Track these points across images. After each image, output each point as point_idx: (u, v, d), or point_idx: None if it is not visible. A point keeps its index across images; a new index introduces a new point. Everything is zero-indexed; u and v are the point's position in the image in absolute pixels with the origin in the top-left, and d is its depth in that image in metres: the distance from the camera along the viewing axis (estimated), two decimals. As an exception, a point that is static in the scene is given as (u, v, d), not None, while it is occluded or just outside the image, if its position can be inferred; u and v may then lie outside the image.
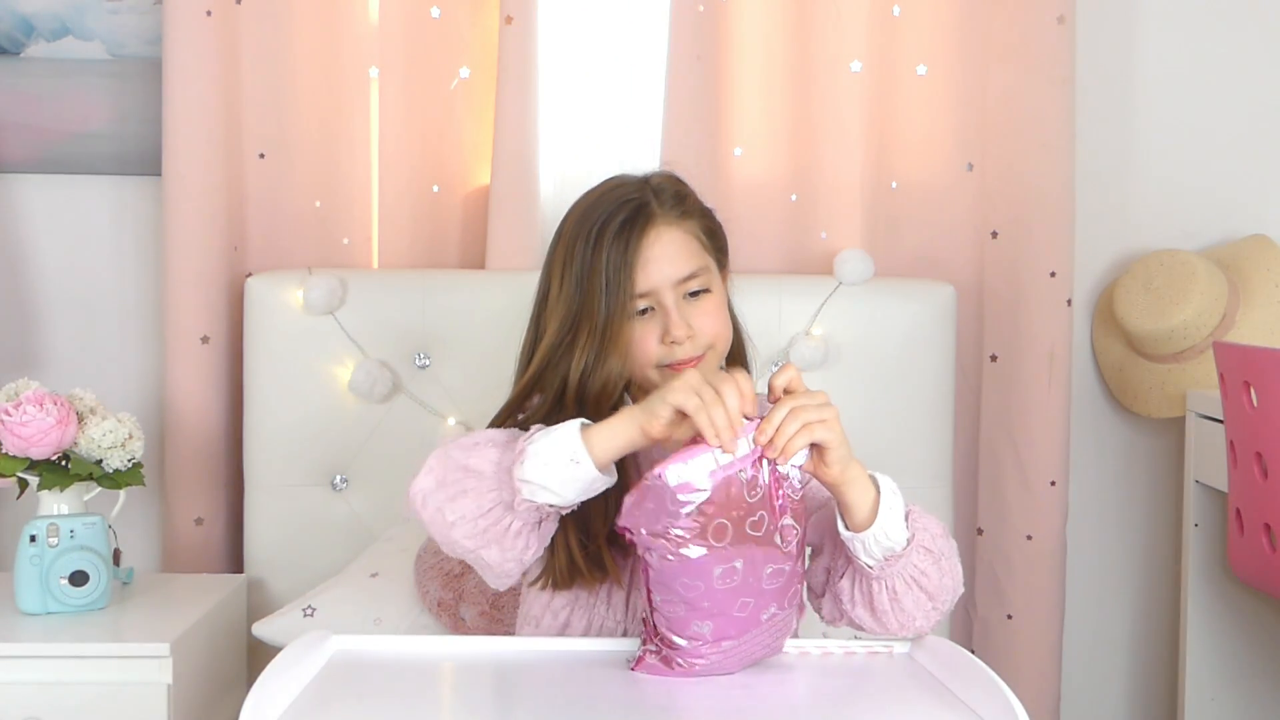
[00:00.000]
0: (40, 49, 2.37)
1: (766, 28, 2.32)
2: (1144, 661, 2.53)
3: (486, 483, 1.34)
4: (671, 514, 1.24)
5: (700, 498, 1.24)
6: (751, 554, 1.27)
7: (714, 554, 1.26)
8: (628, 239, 1.48)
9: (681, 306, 1.50)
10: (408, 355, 2.20)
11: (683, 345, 1.49)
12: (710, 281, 1.54)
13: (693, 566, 1.26)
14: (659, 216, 1.51)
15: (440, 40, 2.30)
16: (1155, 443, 2.49)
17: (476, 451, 1.36)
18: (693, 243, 1.53)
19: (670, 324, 1.49)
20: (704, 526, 1.25)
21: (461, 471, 1.35)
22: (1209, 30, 2.45)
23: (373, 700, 1.26)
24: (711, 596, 1.27)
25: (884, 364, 2.21)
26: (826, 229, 2.34)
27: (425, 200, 2.32)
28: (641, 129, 2.35)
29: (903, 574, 1.39)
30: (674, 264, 1.50)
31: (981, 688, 1.24)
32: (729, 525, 1.26)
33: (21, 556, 1.90)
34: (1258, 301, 2.30)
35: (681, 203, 1.55)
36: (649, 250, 1.49)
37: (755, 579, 1.28)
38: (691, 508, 1.24)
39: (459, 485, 1.34)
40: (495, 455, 1.35)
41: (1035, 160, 2.30)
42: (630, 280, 1.48)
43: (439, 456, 1.37)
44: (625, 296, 1.47)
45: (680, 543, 1.25)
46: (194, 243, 2.24)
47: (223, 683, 2.06)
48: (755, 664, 1.35)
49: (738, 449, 1.26)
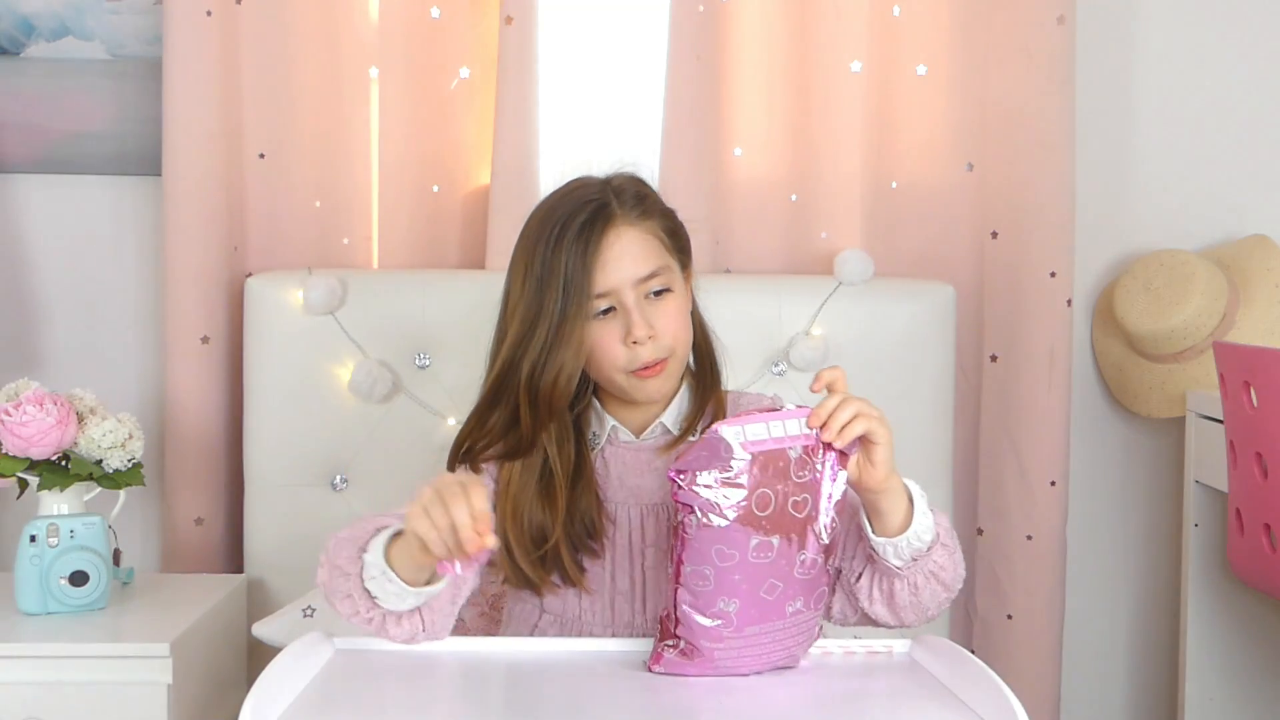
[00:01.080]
0: (40, 49, 2.37)
1: (766, 28, 2.32)
2: (1144, 661, 2.53)
3: (352, 583, 1.35)
4: (723, 462, 1.26)
5: (747, 466, 1.26)
6: (789, 535, 1.28)
7: (753, 523, 1.27)
8: (588, 239, 1.50)
9: (643, 306, 1.51)
10: (408, 355, 2.20)
11: (645, 346, 1.50)
12: (671, 281, 1.55)
13: (730, 533, 1.27)
14: (619, 216, 1.52)
15: (440, 40, 2.30)
16: (1155, 443, 2.49)
17: (343, 548, 1.37)
18: (653, 242, 1.54)
19: (632, 323, 1.50)
20: (750, 490, 1.27)
21: (336, 570, 1.37)
22: (1209, 30, 2.45)
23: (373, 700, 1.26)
24: (744, 569, 1.28)
25: (884, 364, 2.21)
26: (826, 229, 2.34)
27: (425, 200, 2.32)
28: (641, 129, 2.35)
29: (924, 569, 1.41)
30: (634, 263, 1.51)
31: (981, 688, 1.24)
32: (773, 497, 1.27)
33: (21, 556, 1.90)
34: (1258, 301, 2.30)
35: (642, 203, 1.56)
36: (609, 250, 1.50)
37: (788, 563, 1.29)
38: (742, 464, 1.26)
39: (336, 585, 1.37)
40: (355, 552, 1.36)
41: (1035, 160, 2.30)
42: (589, 280, 1.49)
43: (327, 548, 1.39)
44: (584, 296, 1.49)
45: (724, 503, 1.26)
46: (194, 243, 2.24)
47: (223, 683, 2.06)
48: (771, 670, 1.33)
49: (788, 429, 1.28)
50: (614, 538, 1.54)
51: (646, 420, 1.58)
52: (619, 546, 1.54)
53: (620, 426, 1.58)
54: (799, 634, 1.33)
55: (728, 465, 1.27)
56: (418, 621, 1.36)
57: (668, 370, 1.53)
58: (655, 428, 1.58)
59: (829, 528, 1.31)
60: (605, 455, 1.57)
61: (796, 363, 2.19)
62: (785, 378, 2.20)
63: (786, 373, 2.20)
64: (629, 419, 1.58)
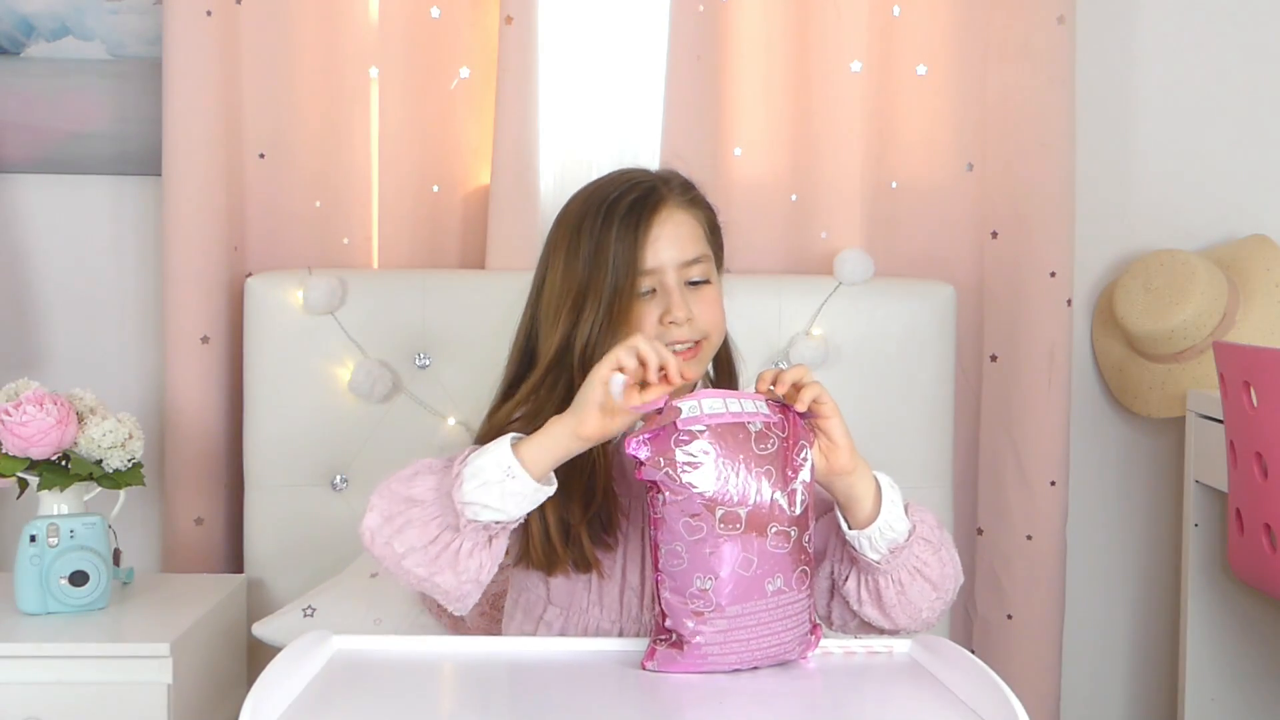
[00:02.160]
0: (40, 49, 2.37)
1: (766, 28, 2.32)
2: (1144, 661, 2.53)
3: (429, 510, 1.34)
4: (679, 433, 1.28)
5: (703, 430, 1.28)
6: (756, 505, 1.29)
7: (717, 495, 1.28)
8: (639, 216, 1.49)
9: (685, 292, 1.51)
10: (408, 355, 2.20)
11: (681, 327, 1.50)
12: (711, 274, 1.55)
13: (694, 504, 1.28)
14: (669, 199, 1.53)
15: (440, 40, 2.30)
16: (1155, 443, 2.49)
17: (416, 481, 1.37)
18: (699, 230, 1.55)
19: (672, 303, 1.50)
20: (710, 461, 1.28)
21: (404, 503, 1.36)
22: (1209, 29, 2.45)
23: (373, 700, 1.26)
24: (714, 543, 1.28)
25: (884, 364, 2.21)
26: (826, 229, 2.34)
27: (425, 200, 2.32)
28: (641, 129, 2.35)
29: (907, 565, 1.42)
30: (680, 246, 1.52)
31: (981, 688, 1.24)
32: (734, 468, 1.28)
33: (21, 556, 1.90)
34: (1258, 301, 2.30)
35: (689, 191, 1.57)
36: (658, 229, 1.50)
37: (759, 536, 1.29)
38: (700, 435, 1.28)
39: (403, 517, 1.35)
40: (434, 482, 1.36)
41: (1035, 160, 2.30)
42: (639, 256, 1.49)
43: (380, 492, 1.38)
44: (635, 272, 1.48)
45: (683, 475, 1.27)
46: (194, 243, 2.24)
47: (223, 683, 2.06)
48: (769, 664, 1.33)
49: (745, 406, 1.31)
50: (626, 531, 1.54)
51: None
52: (631, 540, 1.54)
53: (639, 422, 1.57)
54: (787, 619, 1.32)
55: (683, 437, 1.28)
56: (501, 547, 1.36)
57: (700, 355, 1.52)
58: None
59: (797, 497, 1.31)
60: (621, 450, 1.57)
61: (796, 362, 2.19)
62: (785, 378, 2.20)
63: (786, 373, 2.20)
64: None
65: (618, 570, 1.54)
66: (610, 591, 1.53)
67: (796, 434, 1.34)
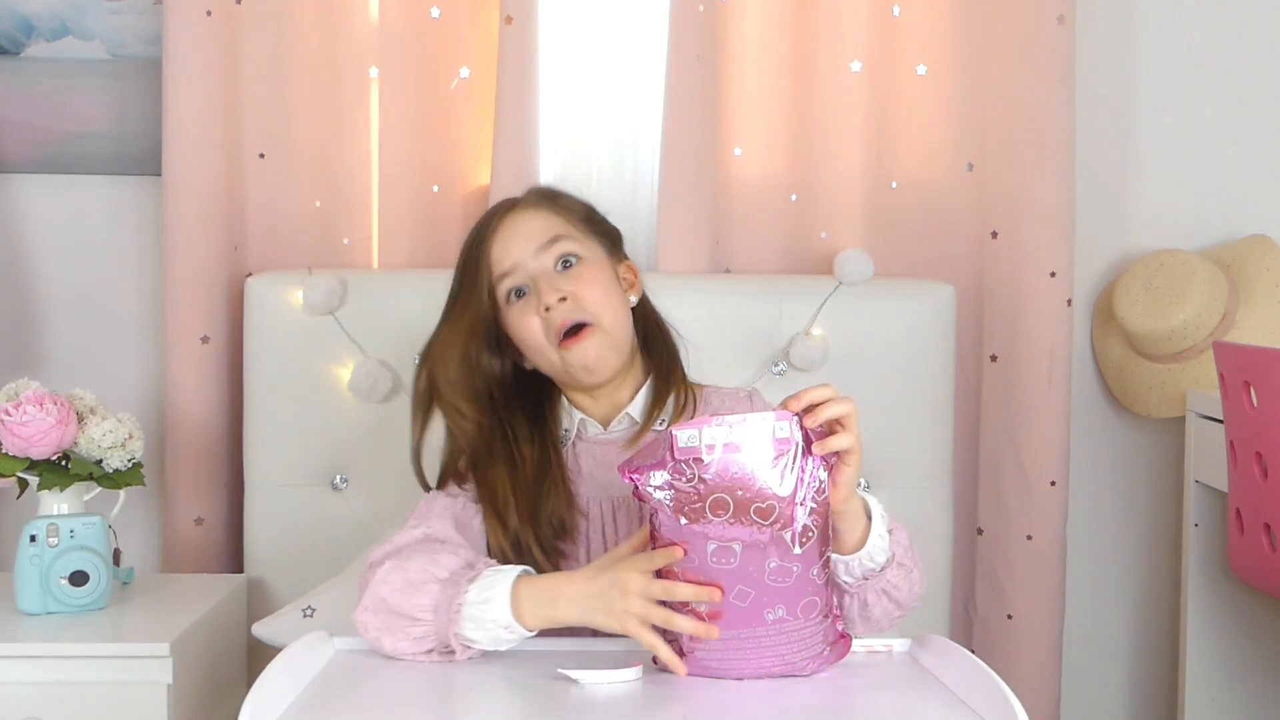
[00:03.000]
0: (40, 49, 2.37)
1: (766, 28, 2.32)
2: (1144, 661, 2.53)
3: (425, 629, 1.36)
4: (675, 463, 1.23)
5: (701, 469, 1.23)
6: (753, 540, 1.24)
7: (707, 527, 1.24)
8: (484, 225, 1.57)
9: (552, 275, 1.53)
10: (408, 355, 2.19)
11: (557, 309, 1.51)
12: (582, 251, 1.56)
13: (688, 536, 1.24)
14: (519, 205, 1.59)
15: (440, 40, 2.30)
16: (1155, 443, 2.49)
17: (417, 594, 1.36)
18: (555, 218, 1.58)
19: (540, 288, 1.52)
20: (701, 496, 1.23)
21: (401, 618, 1.36)
22: (1209, 30, 2.45)
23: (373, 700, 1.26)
24: (706, 573, 1.25)
25: (884, 364, 2.21)
26: (826, 229, 2.34)
27: (425, 200, 2.32)
28: (641, 129, 2.35)
29: (876, 587, 1.41)
30: (530, 236, 1.55)
31: (981, 688, 1.24)
32: (730, 502, 1.23)
33: (21, 556, 1.90)
34: (1258, 301, 2.30)
35: (544, 193, 1.61)
36: (506, 230, 1.56)
37: (756, 570, 1.26)
38: (695, 466, 1.23)
39: (399, 630, 1.36)
40: (432, 601, 1.35)
41: (1035, 160, 2.29)
42: (485, 257, 1.54)
43: (372, 594, 1.38)
44: (478, 274, 1.54)
45: (675, 504, 1.24)
46: (194, 243, 2.24)
47: (223, 683, 2.06)
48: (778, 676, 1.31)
49: (753, 431, 1.23)
50: (587, 532, 1.54)
51: (612, 412, 1.59)
52: (593, 541, 1.55)
53: (588, 420, 1.58)
54: (793, 644, 1.30)
55: (679, 467, 1.23)
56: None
57: (596, 340, 1.52)
58: (622, 419, 1.58)
59: (799, 535, 1.26)
60: (576, 450, 1.58)
61: (796, 363, 2.19)
62: (785, 378, 2.20)
63: (787, 373, 2.20)
64: (595, 411, 1.59)
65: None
66: None
67: (811, 465, 1.27)
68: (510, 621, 1.33)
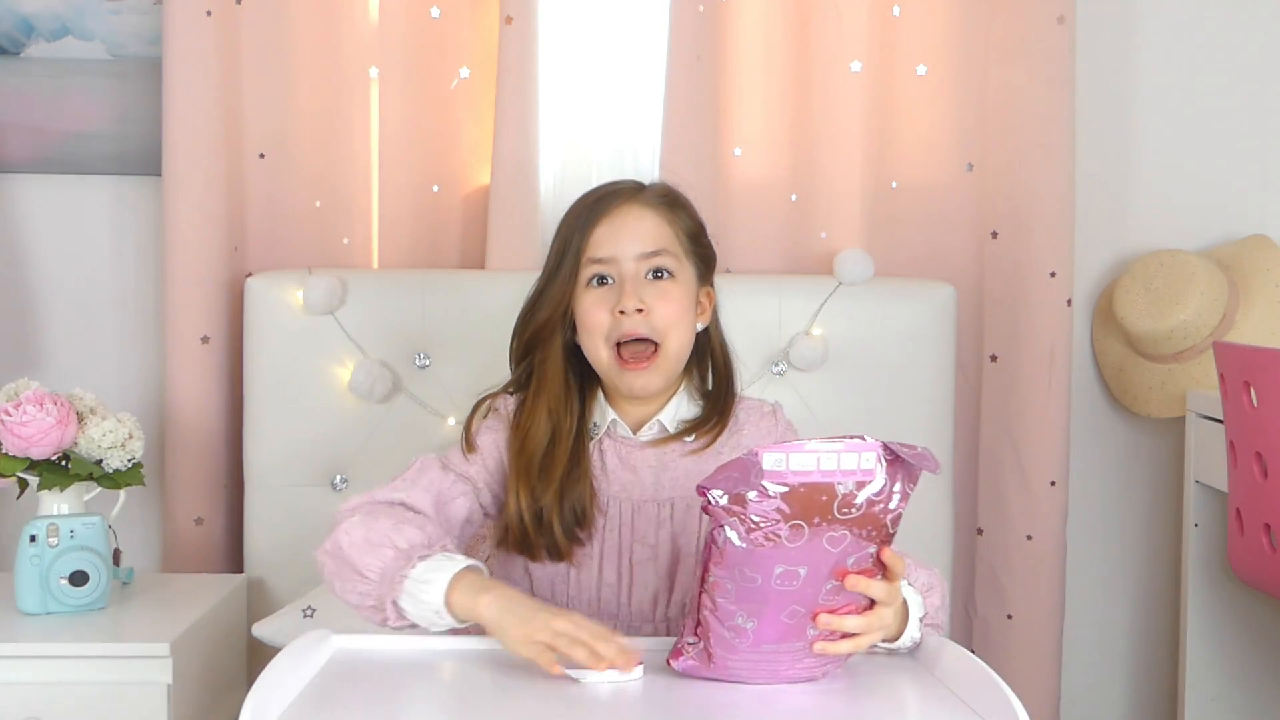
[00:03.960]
0: (40, 49, 2.37)
1: (766, 28, 2.32)
2: (1144, 661, 2.53)
3: (368, 587, 1.39)
4: (757, 487, 1.20)
5: (783, 490, 1.20)
6: (818, 565, 1.24)
7: (780, 552, 1.22)
8: (596, 207, 1.55)
9: (641, 284, 1.53)
10: (408, 355, 2.20)
11: (631, 318, 1.52)
12: (678, 271, 1.57)
13: (755, 556, 1.22)
14: (639, 196, 1.57)
15: (440, 40, 2.30)
16: (1155, 443, 2.49)
17: (371, 554, 1.39)
18: (666, 229, 1.57)
19: (624, 292, 1.53)
20: (782, 519, 1.21)
21: (351, 569, 1.40)
22: (1209, 30, 2.45)
23: (373, 700, 1.26)
24: (766, 593, 1.24)
25: (884, 364, 2.21)
26: (826, 229, 2.34)
27: (425, 200, 2.32)
28: (641, 129, 2.35)
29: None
30: (639, 238, 1.55)
31: (981, 688, 1.24)
32: (805, 529, 1.21)
33: (21, 556, 1.90)
34: (1258, 301, 2.30)
35: (667, 196, 1.60)
36: (617, 219, 1.55)
37: (813, 591, 1.25)
38: (777, 492, 1.20)
39: (347, 579, 1.40)
40: (382, 565, 1.38)
41: (1035, 160, 2.30)
42: (585, 239, 1.54)
43: (334, 540, 1.42)
44: (581, 258, 1.54)
45: (751, 527, 1.21)
46: (194, 243, 2.24)
47: (223, 683, 2.06)
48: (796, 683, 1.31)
49: (841, 463, 1.20)
50: (603, 530, 1.55)
51: (645, 417, 1.59)
52: (608, 539, 1.55)
53: (620, 421, 1.59)
54: (820, 658, 1.30)
55: (763, 491, 1.20)
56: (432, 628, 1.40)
57: (655, 365, 1.54)
58: (652, 425, 1.59)
59: (866, 561, 1.26)
60: (603, 447, 1.58)
61: (796, 363, 2.19)
62: (785, 378, 2.20)
63: (787, 373, 2.20)
64: (629, 414, 1.60)
65: (594, 565, 1.55)
66: (588, 585, 1.54)
67: (895, 501, 1.24)
68: (440, 607, 1.35)
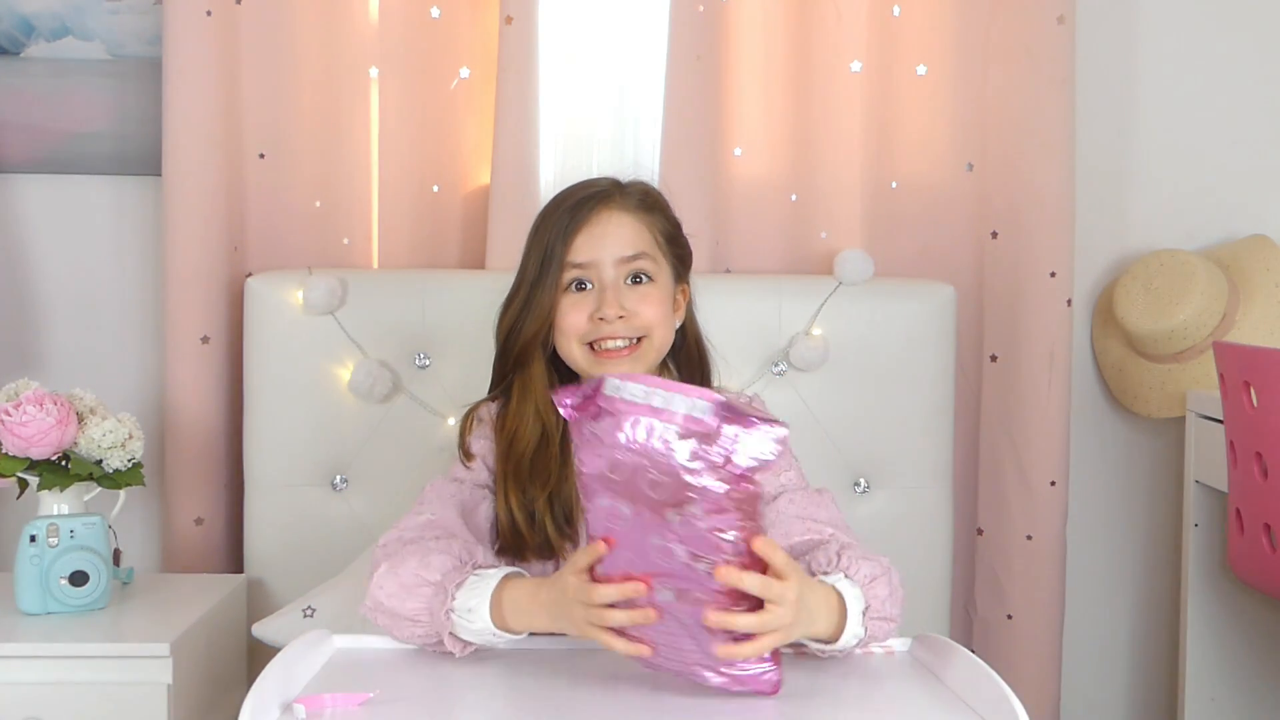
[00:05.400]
0: (40, 49, 2.37)
1: (766, 28, 2.33)
2: (1144, 661, 2.53)
3: (423, 628, 1.39)
4: (595, 407, 1.21)
5: (610, 416, 1.20)
6: (639, 511, 1.20)
7: (603, 480, 1.21)
8: (575, 213, 1.55)
9: (621, 289, 1.54)
10: (408, 355, 2.20)
11: (612, 324, 1.53)
12: (656, 273, 1.58)
13: (585, 480, 1.23)
14: (616, 201, 1.57)
15: (440, 40, 2.30)
16: (1155, 443, 2.49)
17: (411, 598, 1.38)
18: (645, 232, 1.58)
19: (604, 299, 1.53)
20: (608, 445, 1.20)
21: (400, 619, 1.39)
22: (1209, 30, 2.46)
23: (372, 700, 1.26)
24: (596, 514, 1.24)
25: (884, 364, 2.21)
26: (826, 229, 2.34)
27: (425, 200, 2.32)
28: (641, 129, 2.35)
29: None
30: (618, 242, 1.55)
31: (981, 688, 1.24)
32: (626, 464, 1.19)
33: (21, 556, 1.90)
34: (1258, 301, 2.30)
35: (645, 199, 1.60)
36: (596, 226, 1.55)
37: (641, 542, 1.21)
38: (608, 418, 1.19)
39: (402, 628, 1.40)
40: (425, 604, 1.38)
41: (1035, 160, 2.30)
42: (566, 247, 1.54)
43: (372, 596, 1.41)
44: (560, 263, 1.54)
45: (586, 445, 1.22)
46: (194, 243, 2.24)
47: (223, 683, 2.06)
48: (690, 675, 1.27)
49: (674, 404, 1.18)
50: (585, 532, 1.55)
51: None
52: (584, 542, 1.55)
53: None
54: (699, 637, 1.23)
55: (597, 412, 1.21)
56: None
57: (640, 353, 1.55)
58: None
59: (686, 526, 1.18)
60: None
61: (796, 363, 2.19)
62: (785, 378, 2.20)
63: (787, 373, 2.20)
64: None
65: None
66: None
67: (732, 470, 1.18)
68: (495, 630, 1.35)
